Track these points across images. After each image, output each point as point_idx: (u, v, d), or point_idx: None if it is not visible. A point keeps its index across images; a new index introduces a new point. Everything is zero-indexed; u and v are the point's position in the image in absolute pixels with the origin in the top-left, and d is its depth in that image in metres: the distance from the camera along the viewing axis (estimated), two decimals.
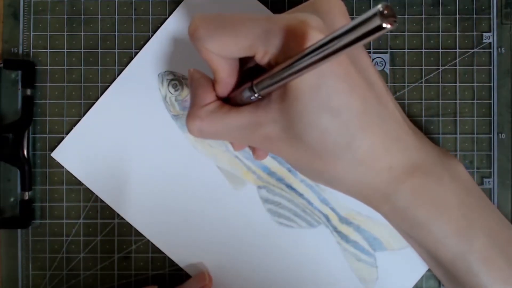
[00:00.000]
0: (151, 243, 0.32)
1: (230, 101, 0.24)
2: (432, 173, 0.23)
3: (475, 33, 0.32)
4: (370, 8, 0.32)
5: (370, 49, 0.32)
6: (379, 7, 0.13)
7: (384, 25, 0.13)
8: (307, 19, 0.20)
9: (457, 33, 0.32)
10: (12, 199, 0.32)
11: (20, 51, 0.32)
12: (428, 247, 0.25)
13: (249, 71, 0.24)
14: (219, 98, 0.24)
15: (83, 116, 0.32)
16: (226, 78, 0.23)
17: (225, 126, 0.23)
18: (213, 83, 0.24)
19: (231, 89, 0.24)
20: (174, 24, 0.32)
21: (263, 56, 0.21)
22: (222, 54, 0.22)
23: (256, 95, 0.21)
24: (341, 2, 0.23)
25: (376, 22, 0.13)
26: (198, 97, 0.24)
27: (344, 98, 0.20)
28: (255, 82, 0.21)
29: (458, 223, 0.24)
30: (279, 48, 0.20)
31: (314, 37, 0.19)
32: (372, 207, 0.24)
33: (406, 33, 0.32)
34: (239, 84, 0.24)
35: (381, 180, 0.22)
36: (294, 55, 0.18)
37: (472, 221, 0.24)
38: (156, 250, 0.32)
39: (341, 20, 0.22)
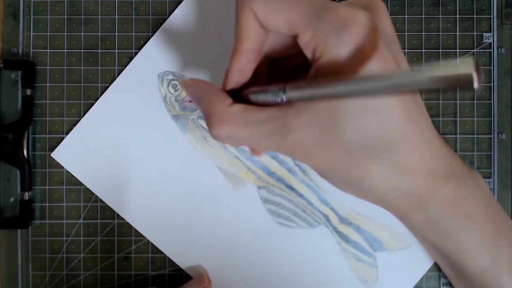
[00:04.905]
0: (151, 243, 0.32)
1: (241, 97, 0.22)
2: (464, 181, 0.23)
3: (475, 33, 0.32)
4: None
5: None
6: (473, 69, 0.12)
7: (476, 86, 0.12)
8: (363, 14, 0.19)
9: (457, 33, 0.32)
10: (12, 199, 0.32)
11: (20, 51, 0.32)
12: (457, 259, 0.24)
13: (274, 74, 0.22)
14: (234, 101, 0.22)
15: (83, 116, 0.32)
16: (248, 54, 0.21)
17: (254, 131, 0.21)
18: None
19: (244, 79, 0.22)
20: (174, 24, 0.32)
21: (309, 40, 0.19)
22: (266, 21, 0.20)
23: (284, 99, 0.20)
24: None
25: (468, 81, 0.12)
26: (214, 102, 0.21)
27: (387, 99, 0.20)
28: (289, 85, 0.19)
29: (488, 234, 0.23)
30: (328, 36, 0.19)
31: (361, 32, 0.18)
32: (403, 217, 0.24)
33: (406, 33, 0.32)
34: (247, 85, 0.22)
35: (417, 187, 0.22)
36: (343, 53, 0.17)
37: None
38: (156, 250, 0.32)
39: (386, 21, 0.22)
